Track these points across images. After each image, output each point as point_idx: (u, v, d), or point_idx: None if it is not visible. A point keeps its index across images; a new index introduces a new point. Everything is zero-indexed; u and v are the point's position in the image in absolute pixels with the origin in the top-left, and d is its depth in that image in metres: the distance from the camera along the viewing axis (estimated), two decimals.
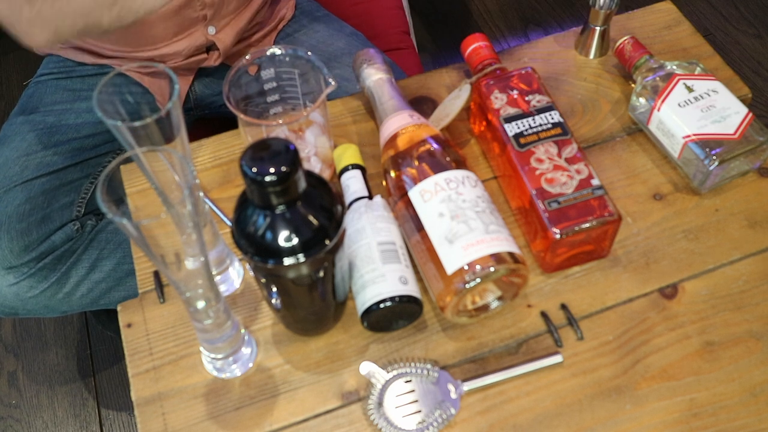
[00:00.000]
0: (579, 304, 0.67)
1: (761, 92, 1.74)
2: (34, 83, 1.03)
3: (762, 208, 0.72)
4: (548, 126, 0.69)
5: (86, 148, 0.98)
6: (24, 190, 0.93)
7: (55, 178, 0.95)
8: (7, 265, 0.91)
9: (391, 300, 0.61)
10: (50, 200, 0.94)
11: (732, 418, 0.60)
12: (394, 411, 0.61)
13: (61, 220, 0.95)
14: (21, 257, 0.91)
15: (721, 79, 0.75)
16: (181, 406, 0.63)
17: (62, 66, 1.01)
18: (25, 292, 0.93)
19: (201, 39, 0.96)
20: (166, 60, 0.97)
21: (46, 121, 0.97)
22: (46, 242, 0.93)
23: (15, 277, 0.92)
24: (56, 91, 1.00)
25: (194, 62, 0.99)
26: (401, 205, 0.67)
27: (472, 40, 0.78)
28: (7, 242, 0.90)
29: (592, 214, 0.64)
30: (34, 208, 0.93)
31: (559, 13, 1.94)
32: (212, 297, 0.56)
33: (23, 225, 0.91)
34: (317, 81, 0.71)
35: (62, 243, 0.95)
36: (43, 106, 0.99)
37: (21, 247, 0.91)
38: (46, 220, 0.93)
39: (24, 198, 0.92)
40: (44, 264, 0.93)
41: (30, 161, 0.94)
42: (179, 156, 0.48)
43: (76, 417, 1.36)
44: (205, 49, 0.99)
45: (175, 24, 0.93)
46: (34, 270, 0.93)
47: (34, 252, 0.92)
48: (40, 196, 0.93)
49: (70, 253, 0.96)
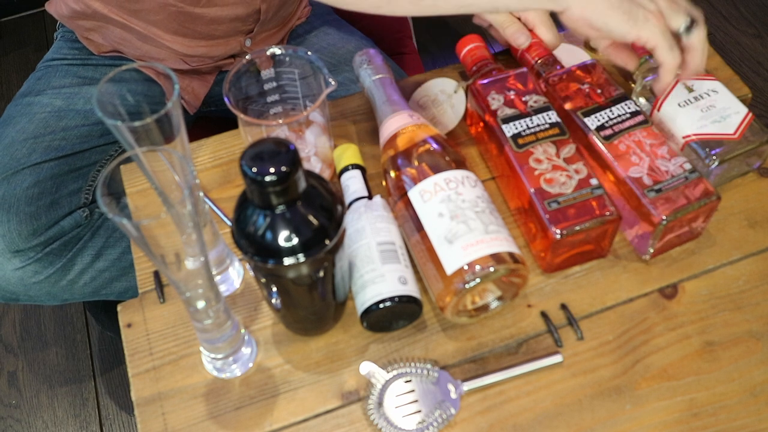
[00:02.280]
0: (579, 304, 0.67)
1: (761, 92, 1.74)
2: (43, 66, 1.02)
3: (762, 208, 0.72)
4: (546, 126, 0.69)
5: (95, 135, 0.97)
6: (33, 173, 0.92)
7: (63, 162, 0.94)
8: (14, 248, 0.90)
9: (390, 300, 0.61)
10: (59, 185, 0.93)
11: (732, 418, 0.60)
12: (394, 411, 0.61)
13: (69, 206, 0.94)
14: (29, 241, 0.90)
15: (721, 79, 0.75)
16: (181, 406, 0.63)
17: (76, 54, 1.01)
18: (29, 276, 0.92)
19: (236, 48, 0.98)
20: (193, 61, 0.98)
21: (54, 104, 0.96)
22: (54, 227, 0.92)
23: (21, 261, 0.91)
24: (66, 75, 0.99)
25: (220, 66, 1.01)
26: (401, 205, 0.67)
27: (466, 41, 0.78)
28: (16, 225, 0.89)
29: (591, 214, 0.64)
30: (43, 192, 0.92)
31: None
32: (212, 297, 0.56)
33: (32, 209, 0.90)
34: (317, 81, 0.71)
35: (71, 229, 0.94)
36: (50, 89, 0.98)
37: (30, 230, 0.90)
38: (55, 205, 0.92)
39: (33, 181, 0.91)
40: (51, 249, 0.92)
41: (38, 144, 0.93)
42: (179, 156, 0.48)
43: (76, 417, 1.36)
44: (237, 53, 1.00)
45: (223, 30, 0.95)
46: (40, 255, 0.91)
47: (42, 236, 0.91)
48: (48, 180, 0.92)
49: (77, 239, 0.95)
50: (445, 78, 0.79)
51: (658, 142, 0.67)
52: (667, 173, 0.65)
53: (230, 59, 1.01)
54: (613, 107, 0.70)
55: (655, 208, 0.64)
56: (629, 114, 0.69)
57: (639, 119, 0.69)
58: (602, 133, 0.69)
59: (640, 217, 0.66)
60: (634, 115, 0.69)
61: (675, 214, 0.64)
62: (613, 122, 0.69)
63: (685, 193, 0.64)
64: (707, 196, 0.64)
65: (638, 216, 0.66)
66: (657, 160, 0.66)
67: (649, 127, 0.69)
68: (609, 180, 0.68)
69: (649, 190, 0.65)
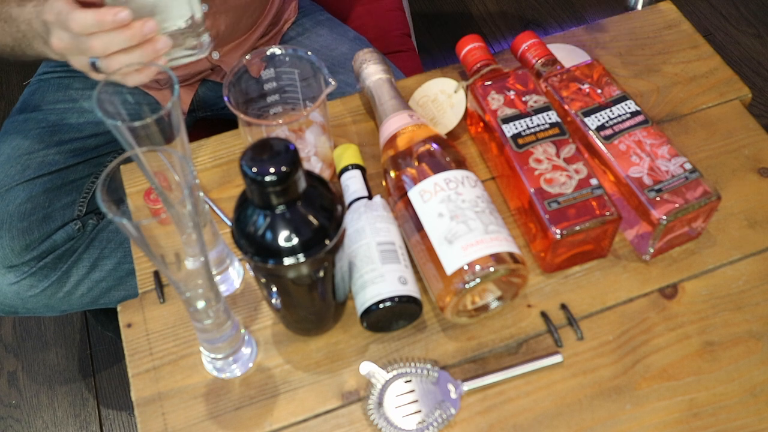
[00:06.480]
0: (579, 304, 0.67)
1: (761, 92, 1.74)
2: (36, 81, 1.03)
3: (762, 208, 0.72)
4: (546, 126, 0.69)
5: (88, 148, 0.98)
6: (26, 189, 0.93)
7: (56, 177, 0.95)
8: (8, 263, 0.91)
9: (390, 300, 0.61)
10: (52, 199, 0.94)
11: (732, 418, 0.60)
12: (394, 411, 0.61)
13: (62, 219, 0.95)
14: (22, 256, 0.91)
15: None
16: (181, 406, 0.63)
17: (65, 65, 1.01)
18: (25, 290, 0.93)
19: (205, 64, 0.98)
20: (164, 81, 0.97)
21: (48, 119, 0.97)
22: (47, 241, 0.93)
23: (16, 276, 0.92)
24: (59, 89, 1.00)
25: (198, 78, 1.00)
26: (401, 205, 0.67)
27: (466, 41, 0.78)
28: (8, 241, 0.90)
29: (591, 214, 0.64)
30: (36, 207, 0.93)
31: (559, 13, 1.95)
32: (212, 297, 0.56)
33: (24, 224, 0.91)
34: (317, 81, 0.71)
35: (63, 242, 0.95)
36: (45, 105, 0.99)
37: (22, 245, 0.91)
38: (48, 219, 0.93)
39: (25, 197, 0.92)
40: (45, 263, 0.93)
41: (32, 160, 0.94)
42: (179, 156, 0.48)
43: (76, 417, 1.36)
44: (210, 68, 0.99)
45: None
46: (34, 269, 0.93)
47: (35, 251, 0.92)
48: (41, 195, 0.93)
49: (71, 252, 0.96)
50: (445, 78, 0.79)
51: (659, 142, 0.67)
52: (667, 173, 0.65)
53: (209, 71, 1.01)
54: (613, 107, 0.70)
55: (655, 208, 0.64)
56: (629, 114, 0.69)
57: (639, 119, 0.69)
58: (602, 133, 0.69)
59: (640, 217, 0.66)
60: (634, 115, 0.69)
61: (675, 214, 0.64)
62: (613, 122, 0.69)
63: (685, 193, 0.64)
64: (707, 196, 0.64)
65: (638, 216, 0.66)
66: (657, 160, 0.66)
67: (650, 127, 0.69)
68: (609, 180, 0.68)
69: (649, 190, 0.65)
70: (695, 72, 0.83)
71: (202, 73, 1.00)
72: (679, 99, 0.81)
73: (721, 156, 0.76)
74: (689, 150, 0.77)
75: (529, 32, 0.78)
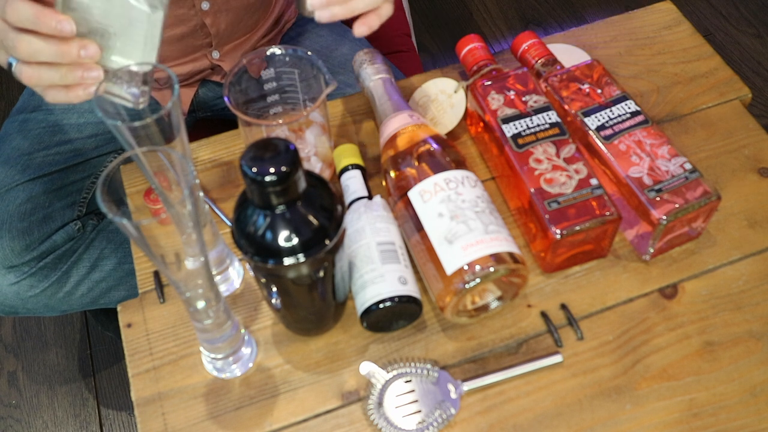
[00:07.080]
0: (579, 304, 0.67)
1: (761, 92, 1.74)
2: None
3: (762, 208, 0.72)
4: (546, 126, 0.69)
5: (88, 149, 0.98)
6: (26, 189, 0.93)
7: (56, 177, 0.95)
8: (8, 264, 0.91)
9: (390, 300, 0.61)
10: (52, 200, 0.94)
11: (732, 418, 0.60)
12: (394, 411, 0.61)
13: (62, 219, 0.95)
14: (22, 256, 0.91)
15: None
16: (181, 406, 0.63)
17: None
18: (25, 291, 0.93)
19: (205, 63, 0.97)
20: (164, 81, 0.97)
21: (48, 119, 0.97)
22: (47, 242, 0.93)
23: (16, 276, 0.92)
24: None
25: (198, 78, 1.00)
26: (401, 205, 0.67)
27: (466, 41, 0.78)
28: (9, 241, 0.90)
29: (591, 214, 0.64)
30: (36, 207, 0.93)
31: (559, 13, 1.95)
32: (212, 297, 0.56)
33: (24, 224, 0.91)
34: (317, 81, 0.71)
35: (63, 242, 0.95)
36: (45, 105, 0.99)
37: (22, 246, 0.91)
38: (48, 219, 0.93)
39: (25, 197, 0.92)
40: (45, 263, 0.93)
41: (32, 160, 0.94)
42: (179, 156, 0.48)
43: (76, 417, 1.36)
44: (210, 67, 0.99)
45: (178, 50, 0.94)
46: (34, 269, 0.93)
47: (35, 251, 0.92)
48: (41, 195, 0.93)
49: (71, 252, 0.96)
50: (445, 78, 0.79)
51: (659, 142, 0.67)
52: (667, 173, 0.66)
53: (209, 70, 1.01)
54: (613, 107, 0.70)
55: (655, 208, 0.64)
56: (629, 114, 0.69)
57: (639, 119, 0.69)
58: (602, 133, 0.69)
59: (640, 217, 0.66)
60: (634, 115, 0.69)
61: (675, 214, 0.64)
62: (613, 122, 0.69)
63: (685, 193, 0.64)
64: (707, 196, 0.64)
65: (638, 216, 0.66)
66: (657, 160, 0.66)
67: (649, 127, 0.69)
68: (609, 180, 0.68)
69: (649, 190, 0.65)
70: (695, 72, 0.83)
71: (202, 73, 1.00)
72: (679, 99, 0.81)
73: (721, 156, 0.76)
74: (689, 150, 0.77)
75: (529, 32, 0.78)
